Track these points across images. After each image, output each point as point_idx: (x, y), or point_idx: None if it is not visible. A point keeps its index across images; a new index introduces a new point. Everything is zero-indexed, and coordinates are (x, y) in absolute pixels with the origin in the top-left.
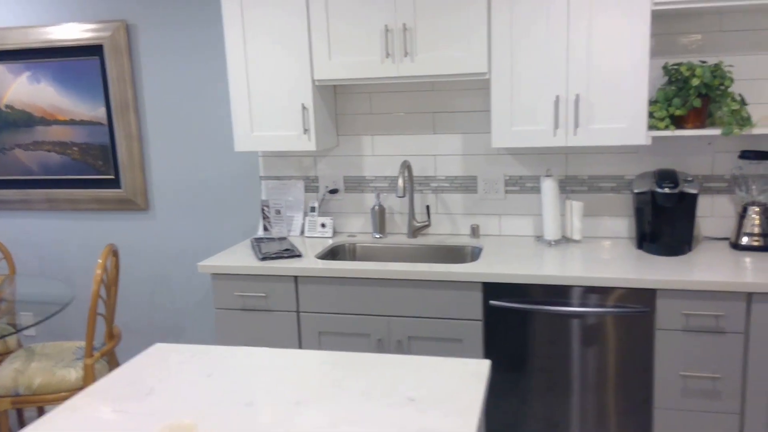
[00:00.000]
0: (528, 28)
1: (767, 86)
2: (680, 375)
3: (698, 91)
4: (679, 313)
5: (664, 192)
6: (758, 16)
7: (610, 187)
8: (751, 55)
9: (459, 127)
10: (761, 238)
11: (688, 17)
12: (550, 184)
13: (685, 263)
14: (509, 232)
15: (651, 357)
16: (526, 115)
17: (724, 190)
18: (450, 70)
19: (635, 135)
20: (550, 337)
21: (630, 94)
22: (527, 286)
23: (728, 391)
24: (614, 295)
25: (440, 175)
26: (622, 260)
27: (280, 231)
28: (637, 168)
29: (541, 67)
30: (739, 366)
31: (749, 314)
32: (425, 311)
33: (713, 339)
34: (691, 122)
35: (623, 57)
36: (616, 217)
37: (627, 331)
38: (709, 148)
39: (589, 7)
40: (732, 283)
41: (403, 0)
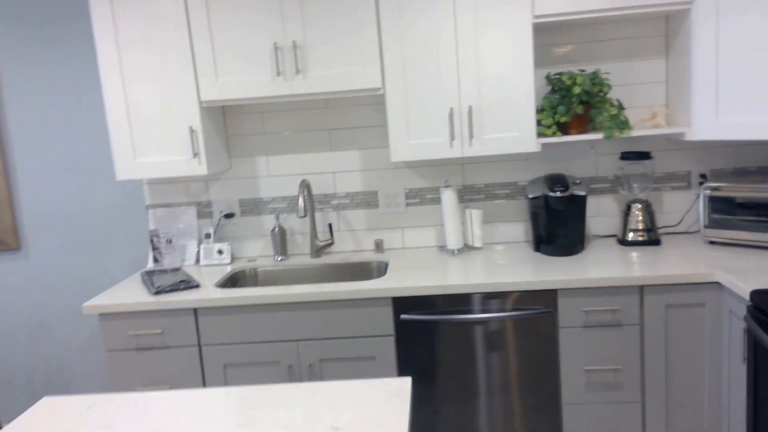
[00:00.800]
0: (418, 43)
1: (641, 91)
2: (584, 370)
3: (580, 99)
4: (579, 310)
5: (556, 195)
6: (629, 26)
7: (505, 194)
8: (624, 62)
9: (356, 143)
10: (645, 233)
11: (564, 29)
12: (449, 195)
13: (580, 262)
14: (413, 245)
15: (556, 355)
16: (422, 128)
17: (608, 190)
18: (344, 86)
19: (526, 143)
20: (461, 345)
21: (519, 103)
22: (435, 297)
23: (629, 382)
24: (518, 298)
25: (340, 192)
26: (523, 264)
27: (173, 261)
28: (528, 174)
29: (433, 81)
30: (636, 356)
31: (642, 306)
32: (335, 332)
33: (612, 333)
34: (575, 128)
35: (510, 69)
36: (512, 222)
37: (532, 331)
38: (592, 151)
39: (475, 22)
40: (625, 278)
41: (291, 17)
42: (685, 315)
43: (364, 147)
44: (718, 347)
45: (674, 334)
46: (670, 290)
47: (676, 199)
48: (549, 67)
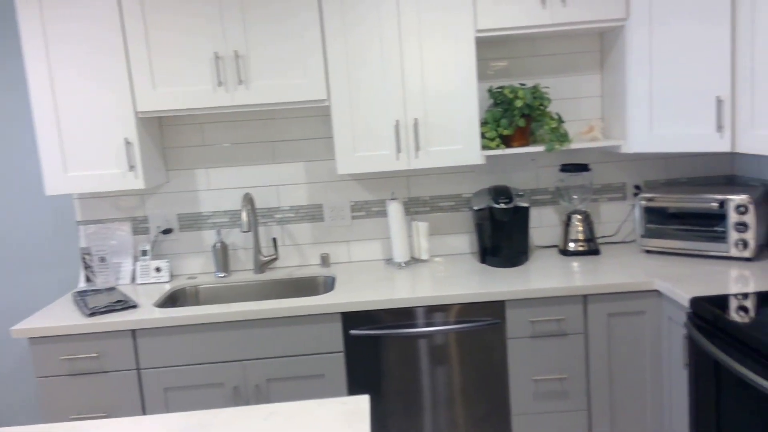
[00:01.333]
0: (363, 55)
1: (578, 105)
2: (532, 380)
3: (522, 112)
4: (527, 320)
5: (500, 207)
6: (565, 41)
7: (451, 206)
8: (562, 77)
9: (301, 155)
10: (585, 243)
11: (505, 43)
12: (395, 207)
13: (525, 273)
14: (359, 258)
15: (505, 366)
16: (368, 140)
17: (549, 202)
18: (288, 97)
19: (471, 155)
20: (411, 359)
21: (463, 116)
22: (385, 311)
23: (575, 390)
24: (467, 310)
25: (284, 206)
26: (470, 275)
27: (107, 280)
28: (473, 186)
29: (379, 93)
30: (582, 365)
31: (586, 315)
32: (283, 350)
33: (558, 342)
34: (517, 141)
35: (454, 82)
36: (458, 234)
37: (481, 343)
38: (533, 163)
39: (419, 35)
40: (569, 288)
41: (232, 26)
42: (626, 323)
43: (309, 159)
44: (659, 353)
45: (617, 341)
46: (611, 299)
47: (612, 209)
48: (490, 81)
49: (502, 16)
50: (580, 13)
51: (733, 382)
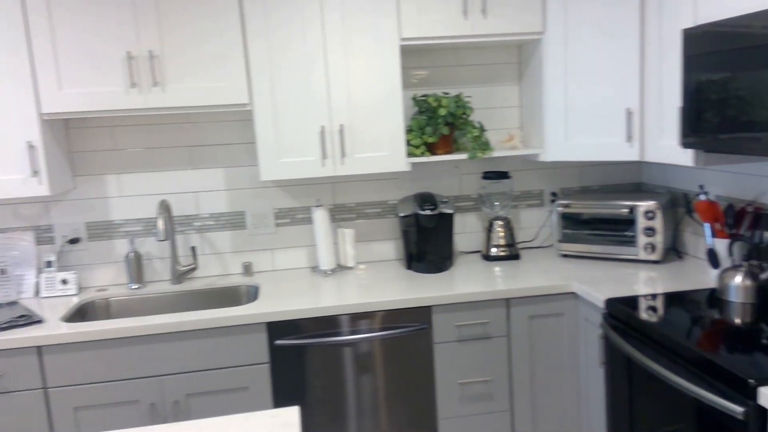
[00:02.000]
0: (287, 60)
1: (499, 114)
2: (458, 383)
3: (445, 120)
4: (453, 325)
5: (426, 214)
6: (486, 52)
7: (376, 213)
8: (484, 87)
9: (221, 161)
10: (506, 248)
11: (428, 53)
12: (321, 214)
13: (450, 278)
14: (284, 266)
15: (432, 370)
16: (293, 146)
17: (471, 208)
18: (207, 101)
19: (397, 162)
20: (339, 368)
21: (389, 124)
22: (311, 320)
23: (499, 392)
24: (394, 316)
25: (204, 213)
26: (397, 281)
27: (8, 294)
28: (398, 193)
29: (304, 99)
30: (505, 367)
31: (509, 318)
32: (203, 363)
33: (482, 345)
34: (441, 148)
35: (380, 89)
36: (384, 240)
37: (409, 349)
38: (456, 171)
39: (344, 42)
40: (493, 291)
41: (146, 25)
42: (546, 324)
43: (230, 165)
44: (576, 353)
45: (537, 343)
46: (532, 302)
47: (532, 215)
48: (414, 90)
49: (426, 26)
50: (499, 25)
51: (645, 377)
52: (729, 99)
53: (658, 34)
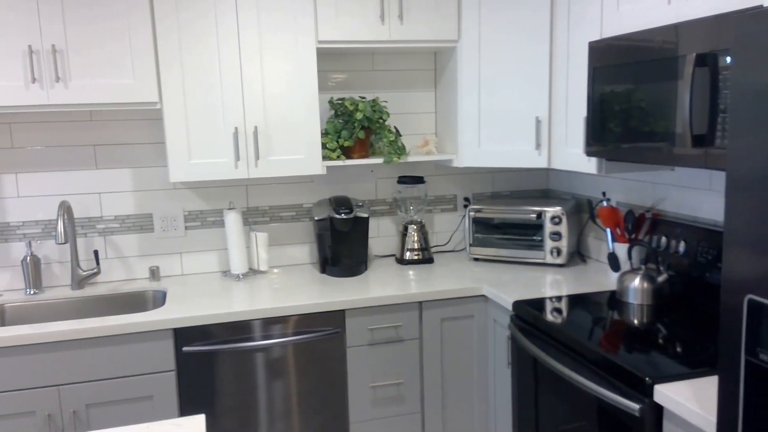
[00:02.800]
0: (198, 57)
1: (415, 120)
2: (370, 387)
3: (362, 124)
4: (366, 328)
5: (341, 217)
6: (403, 58)
7: (291, 216)
8: (400, 92)
9: (127, 161)
10: (420, 252)
11: (346, 56)
12: (233, 217)
13: (365, 282)
14: (193, 270)
15: (344, 375)
16: (205, 147)
17: (386, 212)
18: (114, 98)
19: (313, 165)
20: (250, 375)
21: (305, 126)
22: (220, 325)
23: (410, 394)
24: (307, 320)
25: (108, 215)
26: (310, 286)
27: None
28: (313, 196)
29: (217, 99)
30: (416, 369)
31: (421, 321)
32: (105, 372)
33: (395, 348)
34: (357, 152)
35: (296, 91)
36: (299, 244)
37: (322, 353)
38: (372, 175)
39: (260, 42)
40: (406, 295)
41: (50, 18)
42: (457, 327)
43: (137, 165)
44: (485, 354)
45: (448, 345)
46: (444, 305)
47: (445, 220)
48: (331, 93)
49: (343, 30)
50: (416, 32)
51: (550, 377)
52: (631, 110)
53: (566, 46)
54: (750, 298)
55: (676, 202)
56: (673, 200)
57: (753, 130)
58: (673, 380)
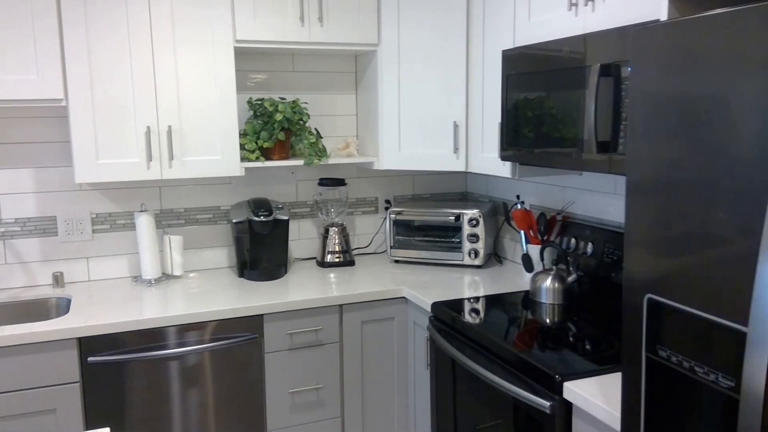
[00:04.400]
0: (108, 53)
1: (336, 122)
2: (289, 392)
3: (282, 125)
4: (285, 333)
5: (260, 220)
6: (324, 60)
7: (208, 219)
8: (321, 94)
9: (28, 161)
10: (341, 254)
11: (266, 56)
12: (145, 220)
13: (284, 286)
14: (101, 276)
15: (262, 381)
16: (114, 147)
17: (307, 215)
18: (13, 94)
19: (230, 166)
20: (162, 384)
21: (222, 126)
22: (130, 333)
23: (330, 398)
24: (223, 326)
25: (7, 218)
26: (227, 290)
27: None
28: (231, 198)
29: (127, 96)
30: (337, 373)
31: (342, 324)
32: (4, 385)
33: (315, 352)
34: (277, 154)
35: (213, 90)
36: (216, 247)
37: (238, 360)
38: (292, 177)
39: (174, 39)
40: (326, 298)
41: None
42: (377, 329)
43: (39, 165)
44: (405, 356)
45: (369, 347)
46: (364, 307)
47: (366, 222)
48: (250, 93)
49: (262, 30)
50: (336, 35)
51: (467, 377)
52: (542, 116)
53: (482, 53)
54: (649, 297)
55: (585, 205)
56: (583, 203)
57: (648, 138)
58: (581, 377)
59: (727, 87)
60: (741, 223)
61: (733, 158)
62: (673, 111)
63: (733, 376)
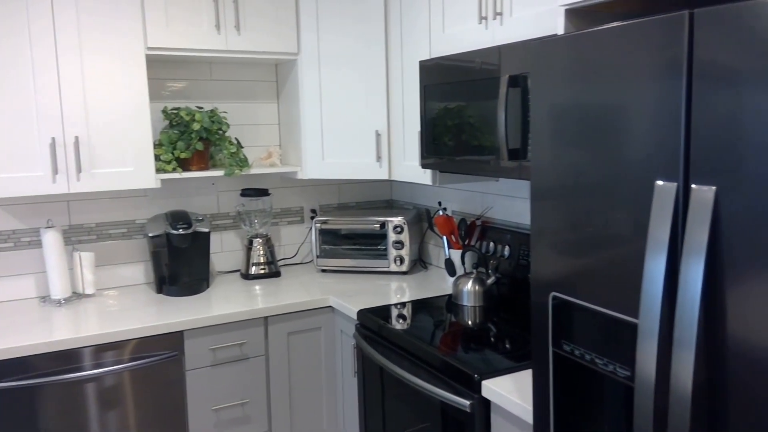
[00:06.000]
0: (7, 59)
1: (258, 131)
2: (213, 410)
3: (199, 135)
4: (207, 349)
5: (178, 233)
6: (243, 69)
7: (122, 233)
8: (242, 103)
9: None
10: (266, 266)
11: (183, 64)
12: (52, 237)
13: (206, 300)
14: (6, 297)
15: (183, 399)
16: (14, 160)
17: (230, 226)
18: None
19: (144, 178)
20: (76, 407)
21: (134, 137)
22: (39, 356)
23: (257, 413)
24: (141, 345)
25: None
26: (144, 308)
27: None
28: (148, 211)
29: (30, 106)
30: (263, 386)
31: (267, 337)
32: None
33: (239, 367)
34: (195, 164)
35: (124, 99)
36: (132, 263)
37: (158, 379)
38: (213, 188)
39: (80, 45)
40: (250, 311)
41: None
42: (304, 340)
43: None
44: (333, 365)
45: (296, 359)
46: (291, 318)
47: (292, 232)
48: (165, 102)
49: (175, 37)
50: (254, 43)
51: (394, 382)
52: (459, 125)
53: (401, 62)
54: (554, 295)
55: (503, 210)
56: (501, 208)
57: (550, 145)
58: (499, 375)
59: (620, 96)
60: (635, 222)
61: (628, 162)
62: (572, 119)
63: (629, 365)
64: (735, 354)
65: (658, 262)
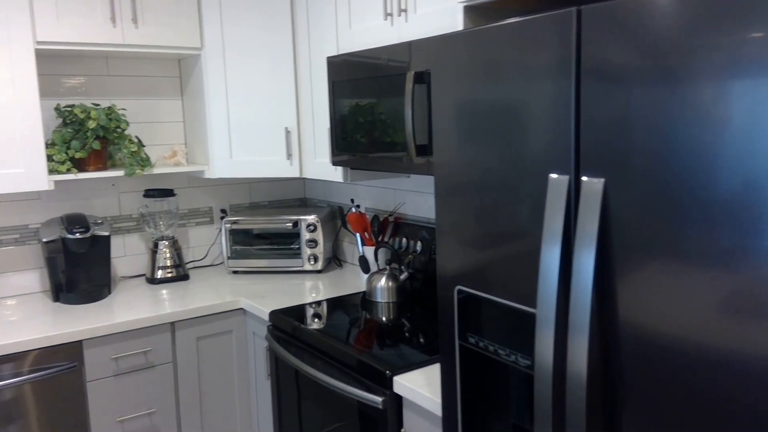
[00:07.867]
0: None
1: (161, 129)
2: (117, 421)
3: (96, 134)
4: (109, 358)
5: (75, 238)
6: (144, 64)
7: (14, 239)
8: (142, 99)
9: None
10: (174, 269)
11: (74, 59)
12: None
13: (107, 307)
14: None
15: (85, 412)
16: None
17: (133, 229)
18: None
19: (35, 181)
20: None
21: (23, 136)
22: None
23: (165, 422)
24: (37, 357)
25: None
26: (39, 317)
27: None
28: (42, 215)
29: None
30: (172, 394)
31: (174, 343)
32: None
33: (145, 375)
34: (92, 164)
35: (9, 96)
36: (24, 271)
37: (57, 392)
38: (113, 189)
39: None
40: (155, 317)
41: None
42: (215, 344)
43: None
44: (246, 369)
45: (206, 364)
46: (200, 322)
47: (201, 234)
48: (59, 98)
49: (67, 30)
50: (153, 37)
51: (309, 383)
52: (368, 122)
53: (308, 58)
54: (459, 289)
55: (415, 205)
56: (413, 204)
57: (452, 141)
58: (410, 369)
59: (516, 92)
60: (534, 215)
61: (525, 157)
62: (471, 115)
63: (530, 355)
64: (626, 337)
65: (553, 252)
